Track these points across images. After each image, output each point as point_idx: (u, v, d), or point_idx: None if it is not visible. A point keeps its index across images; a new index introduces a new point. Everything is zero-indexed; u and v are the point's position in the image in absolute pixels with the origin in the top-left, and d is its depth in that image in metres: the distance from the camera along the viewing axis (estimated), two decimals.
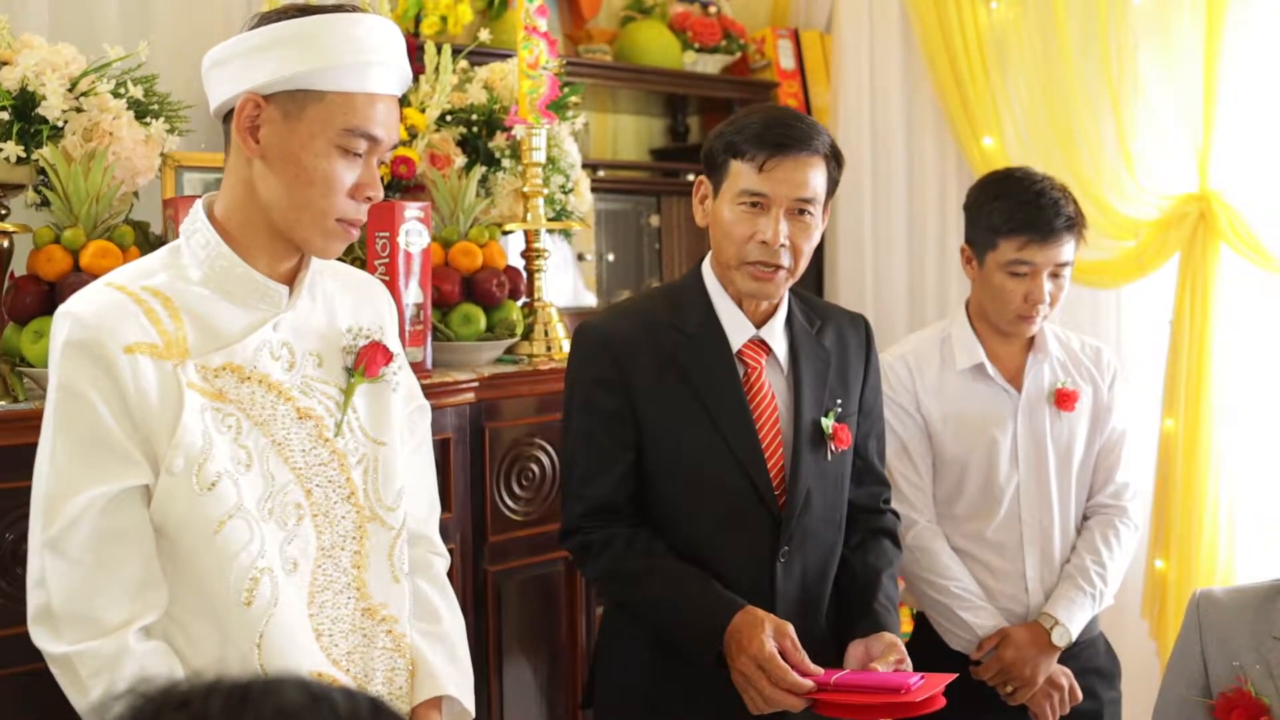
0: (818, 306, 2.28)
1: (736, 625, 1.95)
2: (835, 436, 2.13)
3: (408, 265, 2.43)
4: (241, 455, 1.64)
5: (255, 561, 1.61)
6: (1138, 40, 3.56)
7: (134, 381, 1.56)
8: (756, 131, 2.04)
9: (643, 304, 2.25)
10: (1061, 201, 2.50)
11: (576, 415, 2.14)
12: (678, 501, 2.10)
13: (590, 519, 2.11)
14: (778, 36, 4.40)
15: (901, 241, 4.20)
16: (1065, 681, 2.51)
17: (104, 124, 2.23)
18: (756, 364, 2.12)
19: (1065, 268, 2.53)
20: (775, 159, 2.02)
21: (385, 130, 1.69)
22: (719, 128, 2.12)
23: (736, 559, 2.08)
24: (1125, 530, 2.60)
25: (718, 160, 2.09)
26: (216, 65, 1.68)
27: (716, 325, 2.12)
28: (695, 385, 2.08)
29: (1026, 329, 2.56)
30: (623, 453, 2.10)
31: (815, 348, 2.18)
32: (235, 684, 0.75)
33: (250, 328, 1.67)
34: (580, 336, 2.16)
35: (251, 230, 1.68)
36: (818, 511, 2.13)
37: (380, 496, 1.78)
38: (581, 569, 2.19)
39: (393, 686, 1.78)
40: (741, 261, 2.06)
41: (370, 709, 0.77)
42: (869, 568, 2.20)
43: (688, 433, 2.08)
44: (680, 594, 2.03)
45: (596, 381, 2.10)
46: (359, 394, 1.78)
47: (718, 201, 2.09)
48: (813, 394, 2.14)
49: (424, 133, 2.78)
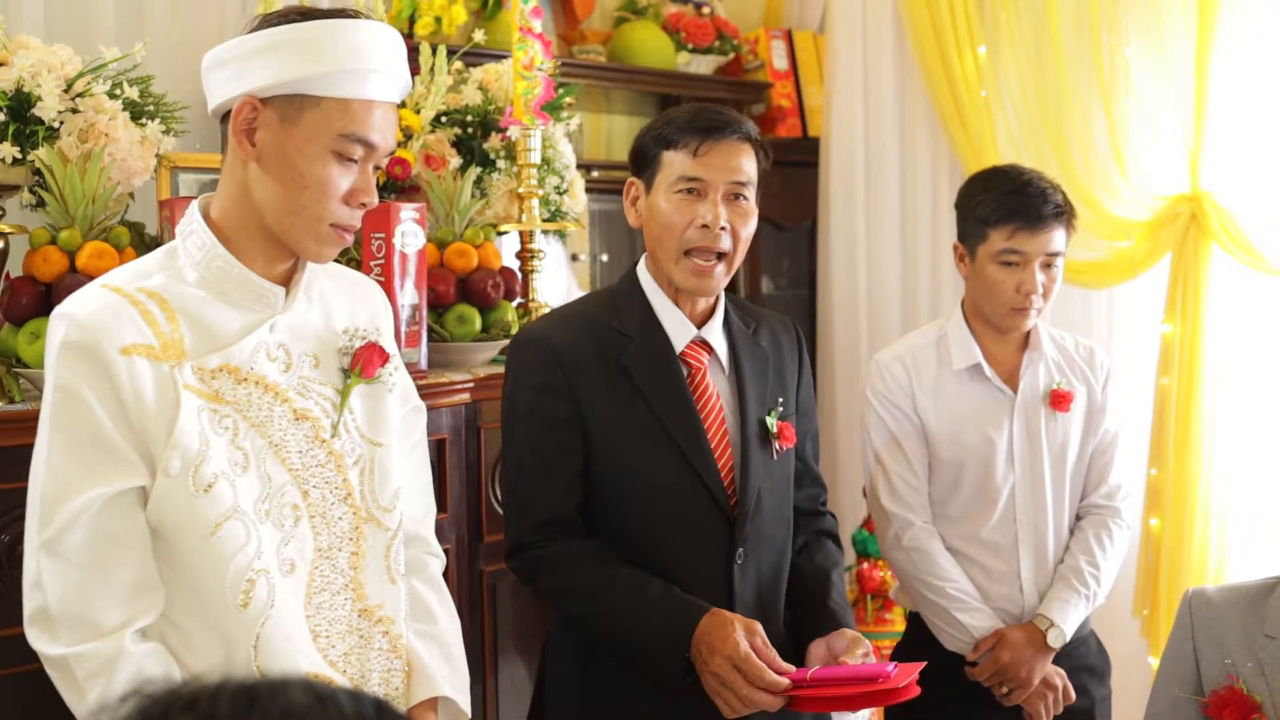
0: (750, 309, 2.28)
1: (705, 628, 1.92)
2: (780, 434, 2.12)
3: (403, 266, 2.44)
4: (238, 457, 1.64)
5: (252, 563, 1.61)
6: (1129, 41, 3.57)
7: (130, 383, 1.56)
8: (686, 121, 2.05)
9: (582, 308, 2.20)
10: (1049, 191, 2.52)
11: (520, 424, 2.09)
12: (628, 508, 2.06)
13: (539, 533, 2.06)
14: (771, 37, 4.41)
15: (895, 241, 4.21)
16: (1060, 682, 2.52)
17: (100, 125, 2.23)
18: (700, 365, 2.11)
19: (1057, 258, 2.53)
20: (709, 143, 2.03)
21: (382, 137, 1.69)
22: (645, 127, 2.13)
23: (692, 564, 2.04)
24: (1118, 531, 2.61)
25: (649, 155, 2.09)
26: (216, 66, 1.68)
27: (658, 327, 2.10)
28: (641, 389, 2.05)
29: (1021, 322, 2.56)
30: (571, 461, 2.05)
31: (754, 347, 2.18)
32: (242, 685, 0.75)
33: (247, 329, 1.67)
34: (521, 344, 2.12)
35: (247, 232, 1.68)
36: (769, 512, 2.11)
37: (377, 497, 1.78)
38: (532, 587, 2.09)
39: (389, 687, 1.78)
40: (682, 252, 2.05)
41: (375, 710, 0.77)
42: (817, 568, 2.19)
43: (636, 437, 2.04)
44: (641, 603, 1.98)
45: (541, 388, 2.06)
46: (355, 395, 1.78)
47: (652, 196, 2.08)
48: (755, 393, 2.13)
49: (419, 134, 2.78)
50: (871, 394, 2.63)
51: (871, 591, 3.70)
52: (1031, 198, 2.49)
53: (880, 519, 2.62)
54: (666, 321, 2.11)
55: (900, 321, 4.15)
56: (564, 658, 2.16)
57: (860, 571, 3.75)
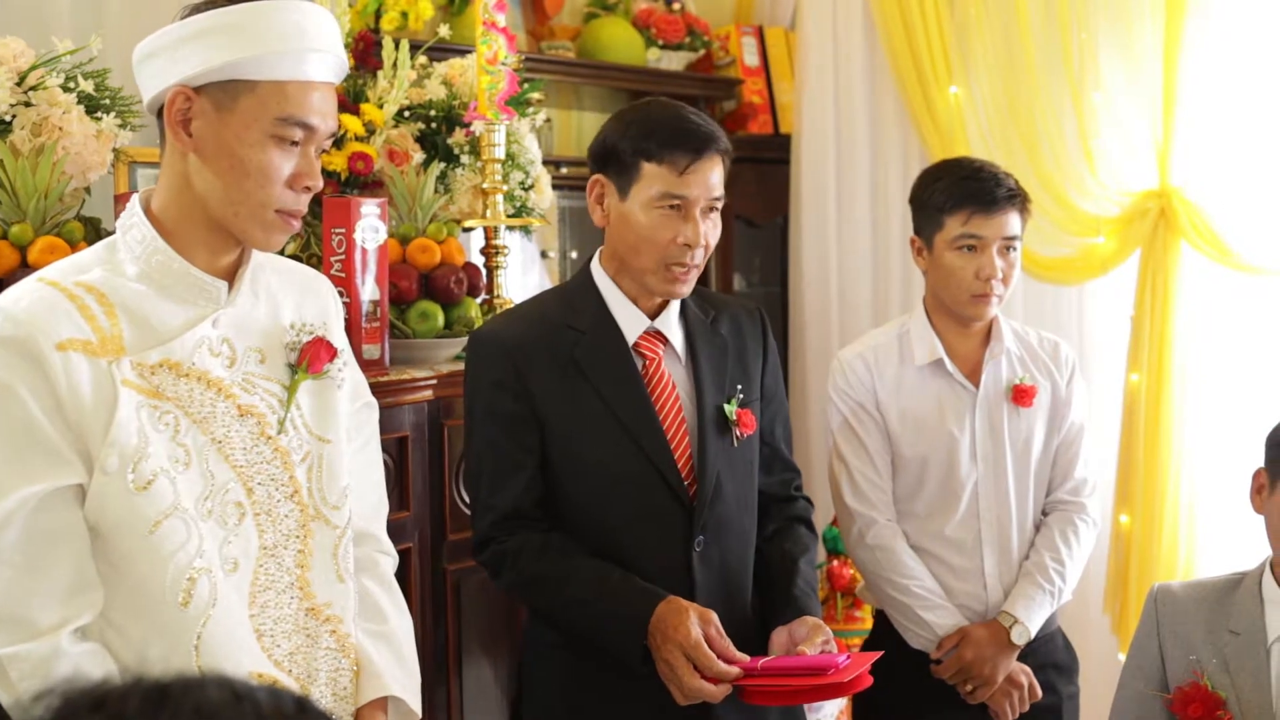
0: (711, 298, 2.28)
1: (660, 615, 1.94)
2: (739, 422, 2.13)
3: (364, 261, 2.41)
4: (180, 453, 1.61)
5: (193, 561, 1.59)
6: (1099, 38, 3.56)
7: (66, 379, 1.53)
8: (671, 135, 2.03)
9: (536, 306, 2.22)
10: (1002, 176, 2.53)
11: (479, 423, 2.12)
12: (587, 500, 2.09)
13: (499, 528, 2.09)
14: (742, 33, 4.39)
15: (865, 238, 4.20)
16: (1025, 679, 2.50)
17: (53, 118, 2.20)
18: (654, 355, 2.12)
19: (1014, 242, 2.53)
20: (695, 163, 2.02)
21: (322, 118, 1.66)
22: (617, 126, 2.09)
23: (651, 553, 2.07)
24: (1084, 527, 2.60)
25: (624, 161, 2.06)
26: (146, 58, 1.65)
27: (610, 321, 2.12)
28: (594, 382, 2.07)
29: (983, 310, 2.54)
30: (527, 457, 2.08)
31: (712, 336, 2.18)
32: (155, 683, 0.72)
33: (188, 324, 1.65)
34: (476, 343, 2.15)
35: (189, 224, 1.66)
36: (729, 499, 2.12)
37: (324, 495, 1.76)
38: (496, 580, 2.14)
39: (337, 687, 1.76)
40: (661, 264, 2.06)
41: (295, 707, 0.75)
42: (786, 555, 2.20)
43: (591, 430, 2.07)
44: (600, 592, 2.01)
45: (496, 386, 2.09)
46: (303, 391, 1.75)
47: (626, 204, 2.07)
48: (713, 381, 2.14)
49: (382, 129, 2.75)
50: (834, 392, 2.62)
51: (842, 589, 3.68)
52: (984, 182, 2.50)
53: (844, 517, 2.61)
54: (619, 315, 2.12)
55: (872, 317, 4.13)
56: (540, 653, 2.18)
57: (830, 569, 3.73)
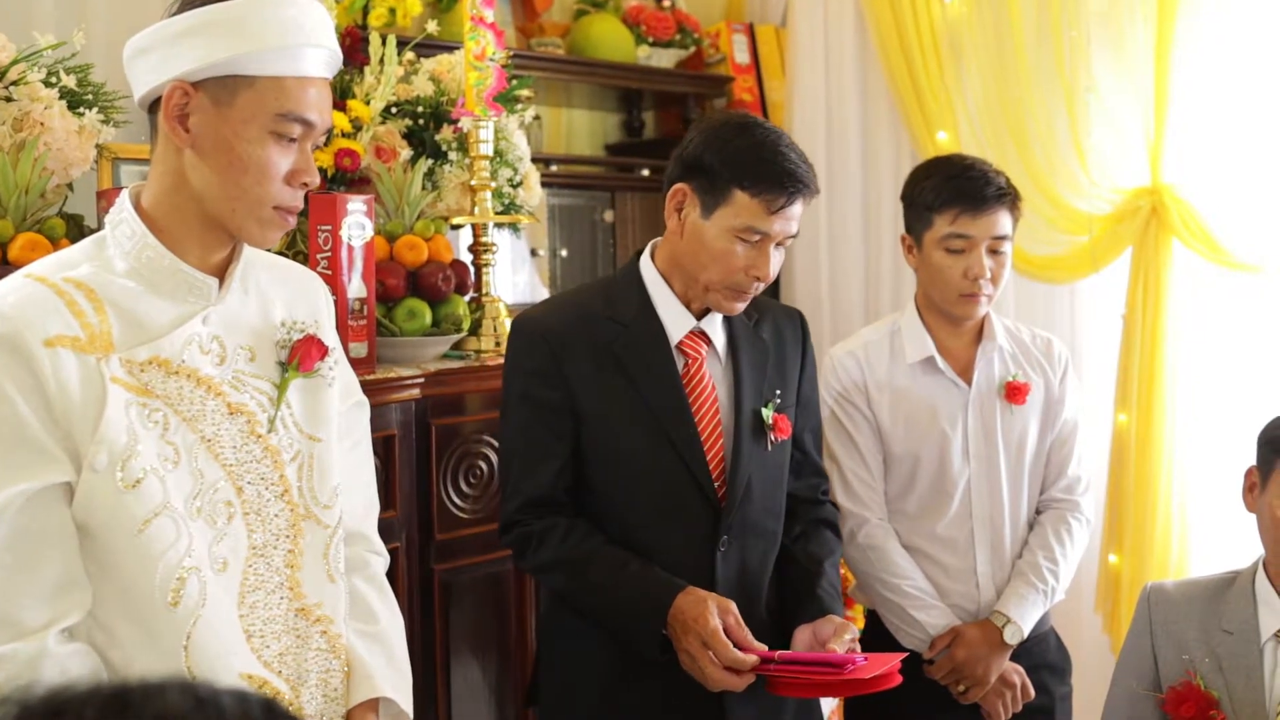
0: (754, 301, 2.25)
1: (680, 605, 1.95)
2: (775, 426, 2.14)
3: (350, 259, 2.40)
4: (169, 452, 1.59)
5: (182, 561, 1.57)
6: (1090, 35, 3.55)
7: (55, 376, 1.51)
8: (772, 172, 1.99)
9: (579, 297, 2.23)
10: (991, 174, 2.51)
11: (514, 408, 2.12)
12: (616, 493, 2.09)
13: (527, 511, 2.10)
14: (732, 31, 4.38)
15: (857, 236, 4.19)
16: (1017, 679, 2.49)
17: (35, 114, 2.18)
18: (697, 355, 2.12)
19: (1003, 242, 2.51)
20: (789, 206, 2.01)
21: (319, 114, 1.65)
22: (713, 142, 2.02)
23: (675, 550, 2.07)
24: (1077, 526, 2.59)
25: (718, 182, 2.01)
26: (140, 53, 1.63)
27: (653, 316, 2.12)
28: (632, 376, 2.07)
29: (973, 309, 2.53)
30: (560, 445, 2.08)
31: (754, 339, 2.19)
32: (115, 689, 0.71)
33: (178, 320, 1.63)
34: (517, 329, 2.15)
35: (181, 221, 1.64)
36: (758, 502, 2.13)
37: (315, 494, 1.74)
38: (520, 561, 2.16)
39: (327, 688, 1.74)
40: (726, 288, 2.06)
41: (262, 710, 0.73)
42: (811, 556, 2.21)
43: (626, 424, 2.07)
44: (622, 579, 2.02)
45: (534, 374, 2.09)
46: (293, 389, 1.74)
47: (708, 223, 2.03)
48: (752, 384, 2.14)
49: (369, 125, 2.73)
50: (825, 390, 2.60)
51: None
52: (974, 180, 2.48)
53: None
54: (664, 312, 2.12)
55: (863, 316, 4.13)
56: (558, 636, 2.19)
57: None
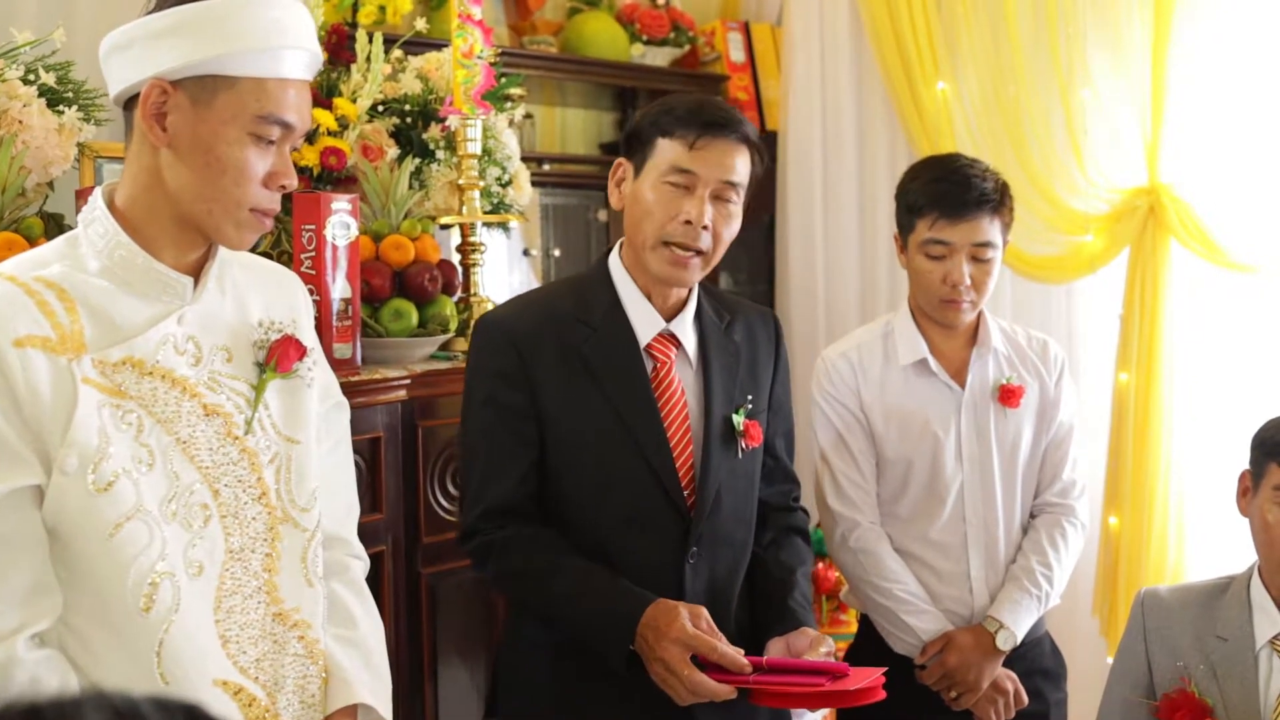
0: (726, 301, 2.23)
1: (650, 616, 1.89)
2: (746, 434, 2.07)
3: (335, 258, 2.36)
4: (143, 454, 1.56)
5: (154, 565, 1.54)
6: (1087, 34, 3.53)
7: (24, 377, 1.48)
8: (688, 110, 2.00)
9: (546, 296, 2.17)
10: (976, 179, 2.44)
11: (477, 411, 2.06)
12: (583, 501, 2.03)
13: (490, 520, 2.03)
14: (728, 29, 4.36)
15: (853, 236, 4.17)
16: (1010, 685, 2.45)
17: (12, 111, 2.15)
18: (666, 358, 2.06)
19: (986, 249, 2.45)
20: (706, 138, 1.98)
21: (299, 116, 1.63)
22: (645, 110, 2.07)
23: (643, 560, 2.01)
24: (1072, 530, 2.55)
25: (644, 138, 2.03)
26: (117, 50, 1.61)
27: (622, 318, 2.06)
28: (600, 380, 2.01)
29: (955, 316, 2.49)
30: (525, 450, 2.02)
31: (725, 342, 2.13)
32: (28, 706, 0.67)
33: (152, 320, 1.60)
34: (481, 329, 2.09)
35: (156, 220, 1.61)
36: (728, 511, 2.07)
37: (293, 497, 1.71)
38: (481, 570, 2.09)
39: (305, 695, 1.71)
40: (659, 241, 2.00)
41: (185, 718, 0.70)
42: (783, 566, 2.15)
43: (593, 429, 2.01)
44: (587, 590, 1.96)
45: (498, 375, 2.03)
46: (271, 390, 1.71)
47: (639, 181, 2.03)
48: (723, 389, 2.08)
49: (355, 123, 2.70)
50: (817, 392, 2.57)
51: (826, 592, 3.64)
52: (954, 185, 2.42)
53: (827, 520, 2.56)
54: (633, 313, 2.06)
55: (858, 316, 4.10)
56: (519, 649, 2.13)
57: (815, 571, 3.69)
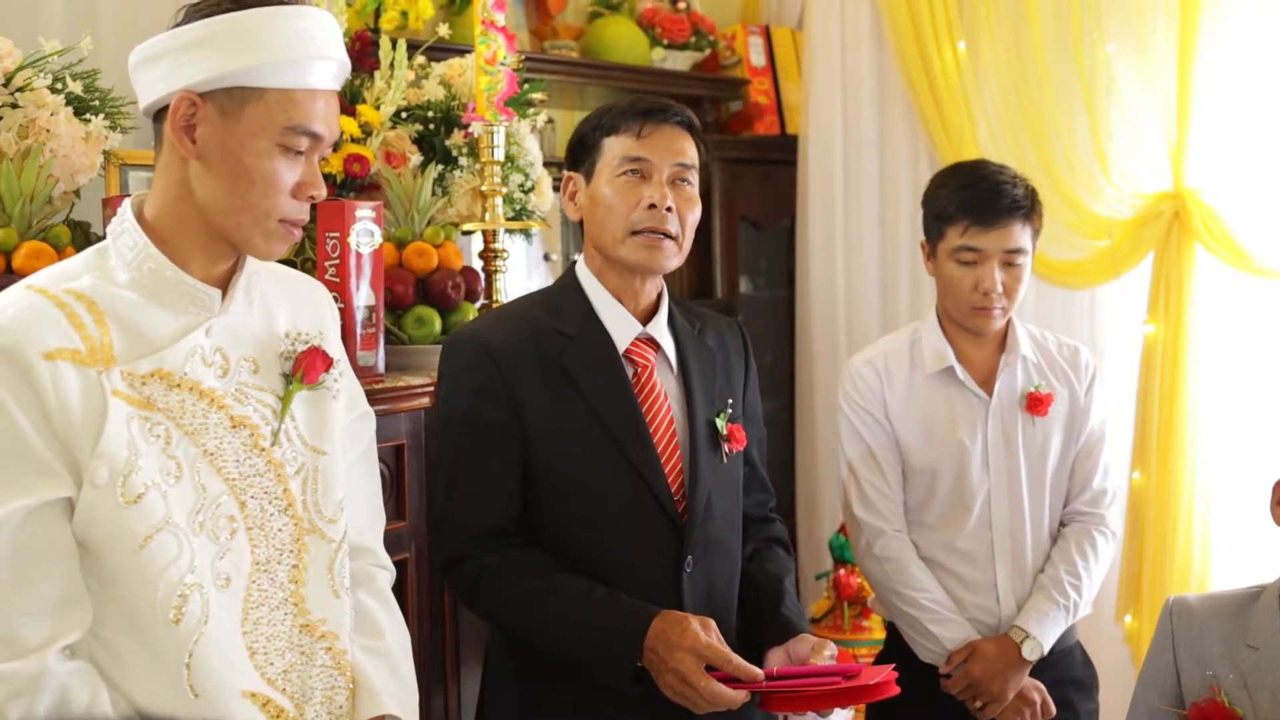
0: (693, 310, 2.21)
1: (658, 628, 1.86)
2: (731, 437, 2.06)
3: (359, 266, 2.36)
4: (171, 466, 1.56)
5: (184, 577, 1.54)
6: (1111, 37, 3.51)
7: (54, 389, 1.49)
8: (627, 105, 2.04)
9: (519, 308, 2.12)
10: (1007, 185, 2.43)
11: (456, 431, 2.01)
12: (572, 516, 1.98)
13: (478, 545, 1.98)
14: (748, 33, 4.35)
15: (874, 240, 4.15)
16: (1037, 696, 2.43)
17: (40, 120, 2.16)
18: (646, 363, 2.04)
19: (1018, 255, 2.44)
20: (650, 125, 2.00)
21: (327, 126, 1.64)
22: (581, 123, 2.09)
23: (639, 573, 1.97)
24: (1102, 540, 2.53)
25: (588, 144, 2.05)
26: (147, 62, 1.62)
27: (599, 326, 2.03)
28: (583, 391, 1.98)
29: (985, 323, 2.48)
30: (509, 469, 1.98)
31: (700, 347, 2.11)
32: None
33: (180, 332, 1.60)
34: (456, 345, 2.04)
35: (185, 231, 1.62)
36: (719, 518, 2.04)
37: (320, 508, 1.71)
38: (470, 601, 2.02)
39: (332, 705, 1.71)
40: (628, 232, 1.99)
41: None
42: (770, 575, 2.13)
43: (579, 442, 1.97)
44: (588, 608, 1.91)
45: (477, 393, 1.98)
46: (297, 401, 1.71)
47: (593, 185, 2.04)
48: (704, 393, 2.07)
49: (378, 130, 2.70)
50: (844, 400, 2.56)
51: (848, 598, 3.62)
52: (985, 192, 2.41)
53: (853, 528, 2.56)
54: (608, 319, 2.04)
55: (879, 321, 4.09)
56: (503, 677, 2.09)
57: (837, 578, 3.68)
